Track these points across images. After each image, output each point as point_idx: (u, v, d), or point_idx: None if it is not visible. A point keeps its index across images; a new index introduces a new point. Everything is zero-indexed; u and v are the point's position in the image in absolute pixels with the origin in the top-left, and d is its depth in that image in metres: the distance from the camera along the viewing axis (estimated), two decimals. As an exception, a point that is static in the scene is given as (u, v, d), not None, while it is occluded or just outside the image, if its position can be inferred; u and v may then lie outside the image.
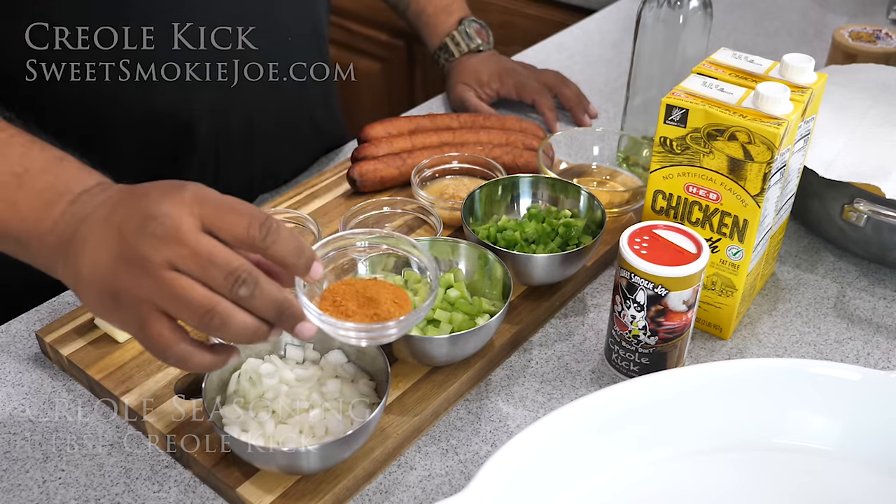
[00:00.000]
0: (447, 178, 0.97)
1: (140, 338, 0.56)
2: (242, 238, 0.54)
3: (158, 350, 0.55)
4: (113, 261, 0.55)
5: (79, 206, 0.59)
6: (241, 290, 0.54)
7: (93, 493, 0.66)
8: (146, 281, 0.53)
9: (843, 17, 1.50)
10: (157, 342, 0.55)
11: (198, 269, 0.53)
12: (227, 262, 0.53)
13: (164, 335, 0.54)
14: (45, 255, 0.60)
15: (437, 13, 1.20)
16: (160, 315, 0.54)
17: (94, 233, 0.56)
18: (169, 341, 0.55)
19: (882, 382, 0.62)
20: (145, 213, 0.54)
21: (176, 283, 0.53)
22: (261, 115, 1.01)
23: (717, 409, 0.63)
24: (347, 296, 0.62)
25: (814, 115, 0.78)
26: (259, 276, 0.54)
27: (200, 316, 0.53)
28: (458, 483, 0.68)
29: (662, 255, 0.70)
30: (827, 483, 0.61)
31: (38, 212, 0.59)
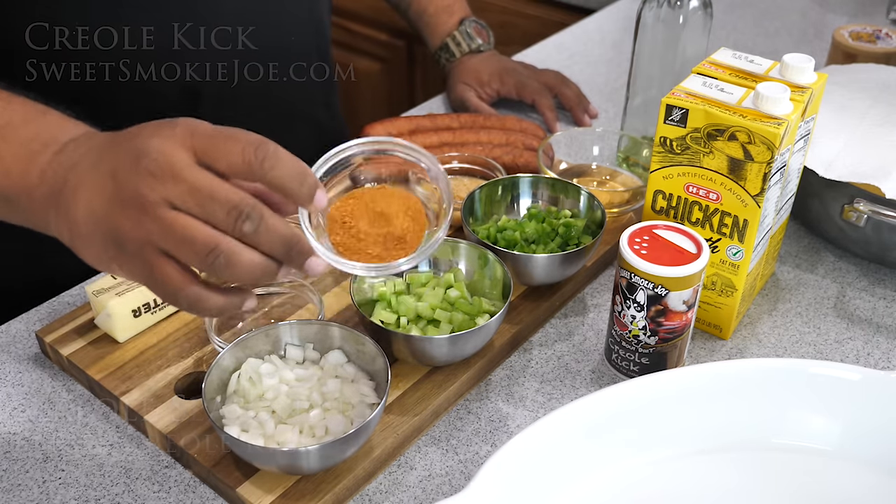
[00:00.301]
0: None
1: (149, 284, 0.53)
2: (239, 166, 0.51)
3: (169, 294, 0.53)
4: (109, 205, 0.52)
5: (65, 155, 0.56)
6: (244, 226, 0.51)
7: (93, 493, 0.66)
8: (146, 222, 0.50)
9: (843, 17, 1.50)
10: (167, 286, 0.52)
11: (197, 206, 0.50)
12: (227, 196, 0.50)
13: (174, 277, 0.52)
14: (34, 210, 0.57)
15: (438, 13, 1.20)
16: (166, 257, 0.51)
17: (86, 180, 0.53)
18: (179, 283, 0.52)
19: (882, 382, 0.62)
20: (137, 151, 0.51)
21: (176, 223, 0.50)
22: (261, 114, 1.01)
23: (717, 409, 0.63)
24: (356, 213, 0.58)
25: (814, 115, 0.78)
26: (263, 209, 0.51)
27: (204, 256, 0.50)
28: (458, 483, 0.68)
29: (662, 255, 0.70)
30: (827, 483, 0.61)
31: (23, 164, 0.56)
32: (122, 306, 0.74)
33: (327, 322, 0.71)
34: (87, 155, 0.55)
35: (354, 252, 0.57)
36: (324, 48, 1.09)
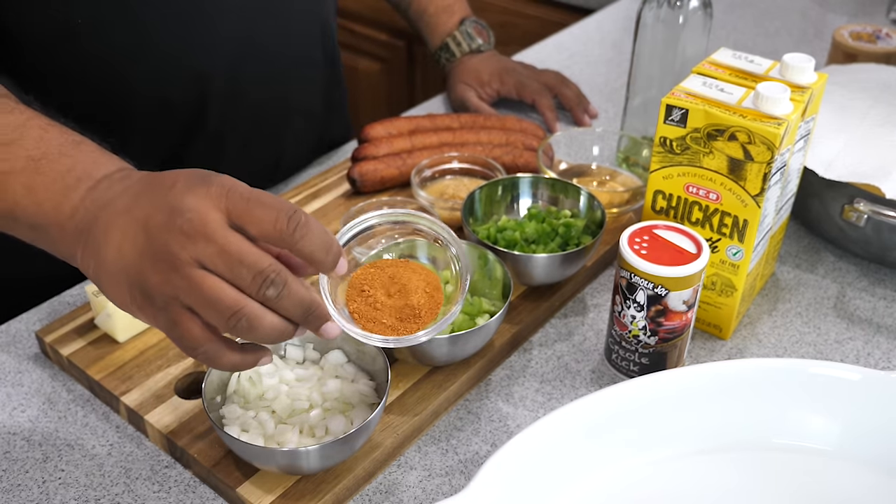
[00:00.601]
0: (447, 178, 0.97)
1: (171, 335, 0.55)
2: (270, 233, 0.53)
3: (189, 348, 0.54)
4: (139, 256, 0.53)
5: (99, 192, 0.57)
6: (269, 291, 0.52)
7: (93, 493, 0.66)
8: (175, 279, 0.52)
9: (843, 17, 1.50)
10: (188, 340, 0.54)
11: (226, 269, 0.52)
12: (255, 261, 0.52)
13: (196, 334, 0.53)
14: (64, 241, 0.58)
15: (439, 13, 1.20)
16: (191, 313, 0.53)
17: (117, 224, 0.55)
18: (201, 339, 0.54)
19: (882, 382, 0.62)
20: (171, 207, 0.52)
21: (204, 284, 0.52)
22: (265, 108, 1.01)
23: (717, 409, 0.63)
24: (376, 283, 0.59)
25: (814, 115, 0.78)
26: (288, 276, 0.53)
27: (228, 318, 0.52)
28: (458, 483, 0.68)
29: (662, 255, 0.70)
30: (827, 483, 0.61)
31: (57, 197, 0.57)
32: None
33: (327, 322, 0.71)
34: (120, 196, 0.56)
35: (370, 320, 0.59)
36: (329, 48, 1.10)
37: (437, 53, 1.21)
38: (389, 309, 0.59)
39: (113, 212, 0.55)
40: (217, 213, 0.52)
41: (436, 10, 1.20)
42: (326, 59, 1.09)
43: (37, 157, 0.59)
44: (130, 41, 0.87)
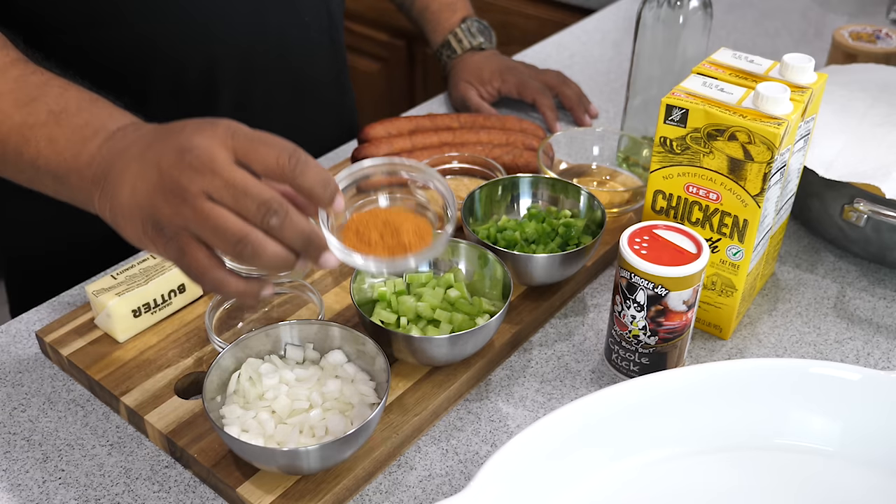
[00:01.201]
0: (447, 178, 0.97)
1: (180, 264, 0.59)
2: (273, 169, 0.57)
3: (196, 275, 0.58)
4: (153, 192, 0.57)
5: (114, 142, 0.62)
6: (272, 220, 0.56)
7: (93, 493, 0.66)
8: (185, 210, 0.56)
9: (843, 17, 1.50)
10: (195, 268, 0.58)
11: (232, 200, 0.56)
12: (259, 193, 0.56)
13: (203, 261, 0.57)
14: (82, 188, 0.63)
15: (441, 10, 1.20)
16: (199, 243, 0.57)
17: (132, 167, 0.59)
18: (206, 267, 0.57)
19: (882, 382, 0.62)
20: (181, 146, 0.57)
21: (213, 213, 0.56)
22: (275, 90, 1.03)
23: (718, 409, 0.63)
24: (370, 225, 0.64)
25: (814, 115, 0.78)
26: (288, 207, 0.57)
27: (234, 244, 0.56)
28: (458, 483, 0.68)
29: (662, 255, 0.70)
30: (827, 483, 0.61)
31: (76, 147, 0.63)
32: (121, 306, 0.74)
33: (327, 322, 0.71)
34: (133, 144, 0.61)
35: (364, 253, 0.62)
36: (336, 38, 1.12)
37: (438, 51, 1.21)
38: (382, 246, 0.62)
39: (127, 157, 0.60)
40: (224, 150, 0.56)
41: (438, 8, 1.21)
42: (332, 47, 1.11)
43: (57, 112, 0.65)
44: (151, 18, 0.89)
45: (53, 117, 0.65)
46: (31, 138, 0.65)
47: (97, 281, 0.77)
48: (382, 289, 0.76)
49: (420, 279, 0.78)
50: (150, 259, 0.79)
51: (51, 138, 0.64)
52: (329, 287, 0.84)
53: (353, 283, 0.75)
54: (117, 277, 0.76)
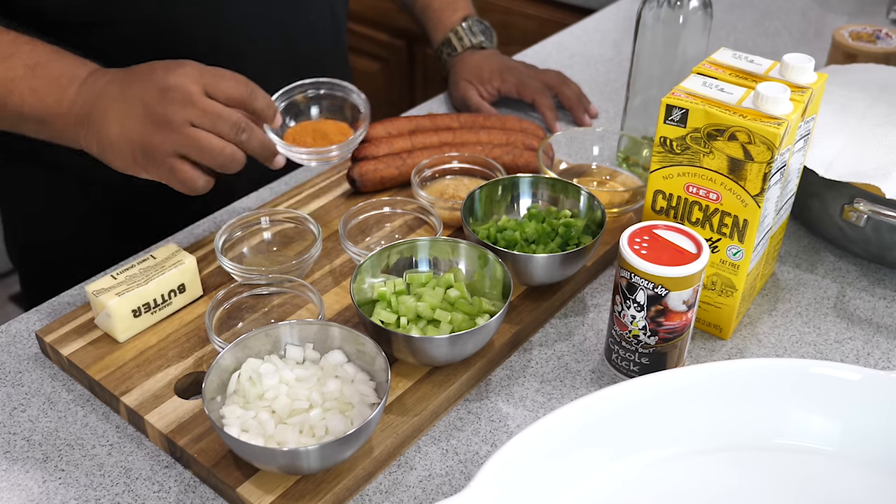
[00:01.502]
0: (447, 178, 0.97)
1: (170, 181, 0.75)
2: (234, 98, 0.75)
3: (189, 184, 0.75)
4: (142, 126, 0.72)
5: (88, 86, 0.75)
6: (242, 136, 0.75)
7: (93, 493, 0.66)
8: (173, 137, 0.72)
9: (843, 17, 1.50)
10: (188, 180, 0.74)
11: (210, 124, 0.73)
12: (230, 116, 0.74)
13: (191, 173, 0.74)
14: (66, 129, 0.76)
15: (443, 8, 1.21)
16: (184, 160, 0.74)
17: (115, 107, 0.73)
18: (196, 177, 0.75)
19: (882, 382, 0.62)
20: (161, 85, 0.72)
21: (198, 136, 0.73)
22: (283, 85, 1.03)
23: (717, 409, 0.63)
24: (304, 133, 0.87)
25: (814, 115, 0.78)
26: (252, 124, 0.76)
27: (216, 156, 0.74)
28: (458, 483, 0.68)
29: (662, 255, 0.70)
30: (827, 483, 0.61)
31: (56, 94, 0.75)
32: (121, 306, 0.74)
33: (327, 322, 0.71)
34: (108, 86, 0.74)
35: None
36: (340, 39, 1.13)
37: (439, 49, 1.21)
38: (313, 143, 0.87)
39: (107, 99, 0.74)
40: (196, 86, 0.73)
41: (440, 6, 1.21)
42: (336, 45, 1.12)
43: (32, 65, 0.76)
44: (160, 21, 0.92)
45: (30, 70, 0.76)
46: (14, 90, 0.75)
47: (97, 281, 0.77)
48: (382, 289, 0.76)
49: (420, 279, 0.78)
50: (150, 259, 0.79)
51: (33, 88, 0.75)
52: (329, 287, 0.84)
53: (353, 283, 0.75)
54: (117, 277, 0.76)
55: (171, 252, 0.80)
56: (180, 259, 0.79)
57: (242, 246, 0.87)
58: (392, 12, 1.42)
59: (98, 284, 0.76)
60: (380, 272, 0.79)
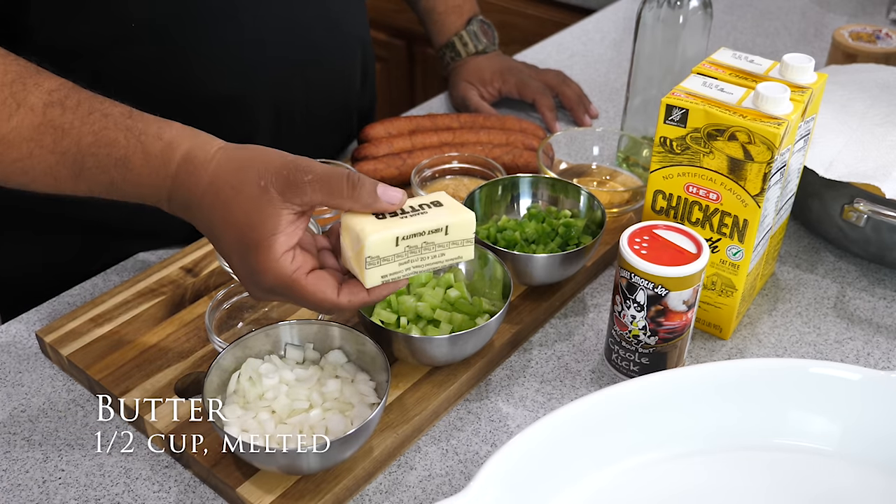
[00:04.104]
0: (447, 178, 0.97)
1: None
2: None
3: None
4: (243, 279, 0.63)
5: (175, 204, 0.64)
6: None
7: (93, 493, 0.66)
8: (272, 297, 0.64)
9: (843, 17, 1.50)
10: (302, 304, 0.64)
11: None
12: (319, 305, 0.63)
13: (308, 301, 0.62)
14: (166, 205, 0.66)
15: (448, 12, 1.20)
16: None
17: (213, 242, 0.64)
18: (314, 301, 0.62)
19: (882, 382, 0.62)
20: (248, 277, 0.62)
21: None
22: (315, 97, 1.00)
23: (718, 409, 0.63)
24: None
25: (814, 115, 0.78)
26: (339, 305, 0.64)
27: None
28: (458, 483, 0.68)
29: (662, 255, 0.70)
30: (827, 483, 0.61)
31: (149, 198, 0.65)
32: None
33: (327, 322, 0.71)
34: (197, 220, 0.64)
35: None
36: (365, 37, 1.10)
37: (441, 51, 1.21)
38: None
39: (202, 228, 0.64)
40: (269, 295, 0.63)
41: (445, 9, 1.21)
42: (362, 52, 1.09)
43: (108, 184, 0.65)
44: (184, 43, 0.86)
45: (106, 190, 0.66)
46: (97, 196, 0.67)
47: None
48: (382, 289, 0.76)
49: (420, 279, 0.78)
50: None
51: (114, 205, 0.68)
52: (329, 287, 0.83)
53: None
54: (400, 245, 0.61)
55: (463, 238, 0.63)
56: (462, 253, 0.63)
57: (242, 246, 0.87)
58: (392, 12, 1.42)
59: (378, 248, 0.61)
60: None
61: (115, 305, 0.80)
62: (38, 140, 0.64)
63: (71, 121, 0.64)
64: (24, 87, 0.65)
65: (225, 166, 0.62)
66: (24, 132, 0.64)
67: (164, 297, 0.81)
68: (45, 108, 0.64)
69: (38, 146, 0.64)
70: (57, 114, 0.64)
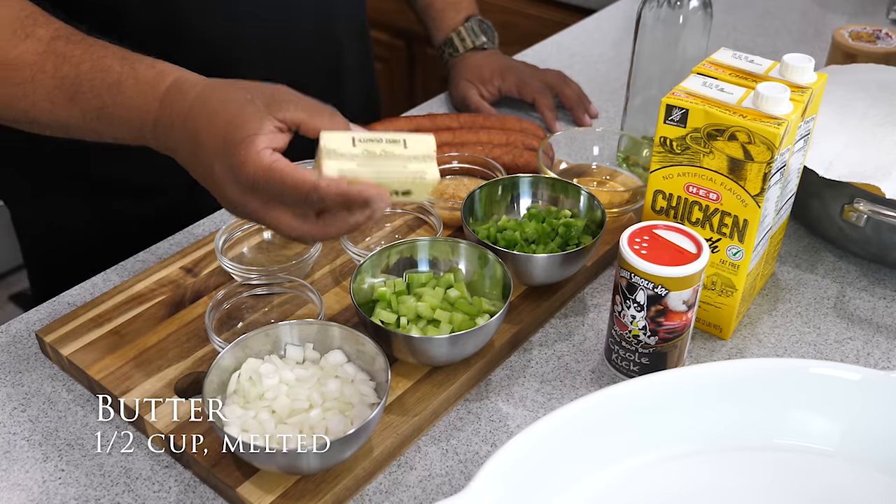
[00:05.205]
0: (447, 178, 0.97)
1: None
2: None
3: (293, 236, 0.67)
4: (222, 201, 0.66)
5: (159, 141, 0.69)
6: None
7: (93, 493, 0.66)
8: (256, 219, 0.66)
9: (843, 17, 1.50)
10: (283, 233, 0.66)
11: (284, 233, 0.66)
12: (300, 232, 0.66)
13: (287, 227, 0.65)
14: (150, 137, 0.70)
15: (446, 8, 1.21)
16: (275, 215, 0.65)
17: (191, 169, 0.67)
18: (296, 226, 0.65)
19: (882, 382, 0.62)
20: (228, 198, 0.65)
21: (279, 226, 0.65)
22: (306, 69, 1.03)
23: (718, 409, 0.63)
24: None
25: (814, 115, 0.78)
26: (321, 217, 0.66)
27: None
28: (458, 483, 0.68)
29: (662, 255, 0.70)
30: (827, 483, 0.61)
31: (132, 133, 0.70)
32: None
33: (327, 322, 0.71)
34: (178, 152, 0.68)
35: None
36: (363, 19, 1.14)
37: (440, 48, 1.21)
38: None
39: (182, 160, 0.68)
40: (257, 202, 0.64)
41: (442, 6, 1.21)
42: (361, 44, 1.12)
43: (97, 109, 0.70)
44: None
45: (95, 116, 0.70)
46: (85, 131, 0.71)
47: (335, 135, 0.65)
48: (382, 289, 0.76)
49: (420, 279, 0.78)
50: (401, 145, 0.65)
51: (97, 132, 0.71)
52: (329, 287, 0.84)
53: (353, 283, 0.75)
54: (356, 145, 0.64)
55: (424, 154, 0.64)
56: (424, 171, 0.64)
57: (242, 246, 0.87)
58: (392, 12, 1.42)
59: (335, 143, 0.64)
60: (380, 272, 0.79)
61: (115, 305, 0.80)
62: (41, 65, 0.70)
63: (72, 50, 0.70)
64: (34, 23, 0.71)
65: (213, 85, 0.67)
66: (29, 58, 0.70)
67: (164, 297, 0.81)
68: (50, 39, 0.70)
69: (41, 71, 0.69)
70: (61, 44, 0.70)
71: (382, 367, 0.68)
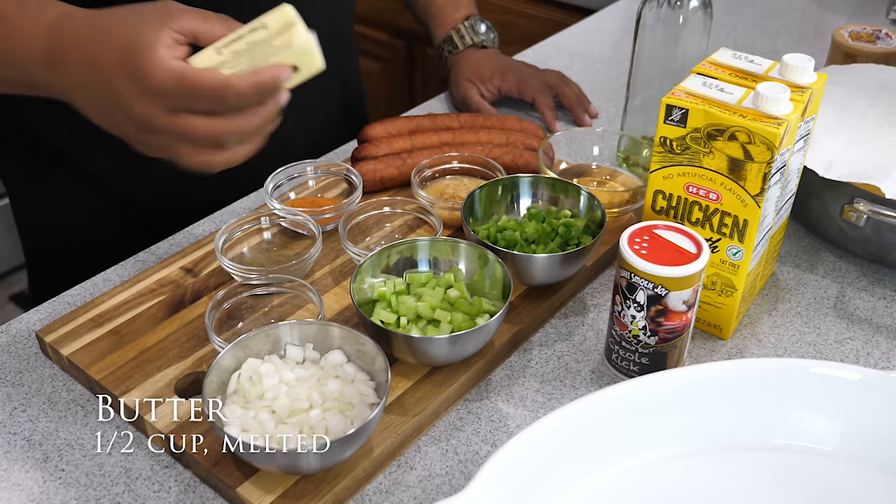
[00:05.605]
0: (447, 178, 0.97)
1: None
2: None
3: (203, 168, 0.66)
4: (120, 129, 0.64)
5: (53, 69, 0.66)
6: None
7: (93, 493, 0.66)
8: (160, 139, 0.64)
9: (843, 17, 1.50)
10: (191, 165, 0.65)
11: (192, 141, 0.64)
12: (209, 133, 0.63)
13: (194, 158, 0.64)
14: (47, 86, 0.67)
15: (445, 6, 1.21)
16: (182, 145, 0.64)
17: (87, 105, 0.65)
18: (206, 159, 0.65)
19: (882, 382, 0.62)
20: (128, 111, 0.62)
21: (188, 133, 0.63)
22: None
23: (718, 409, 0.63)
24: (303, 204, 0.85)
25: (814, 115, 0.78)
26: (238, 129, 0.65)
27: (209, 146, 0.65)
28: (458, 483, 0.68)
29: (662, 255, 0.70)
30: (827, 483, 0.61)
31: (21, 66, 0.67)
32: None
33: (327, 322, 0.71)
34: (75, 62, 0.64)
35: None
36: (346, 27, 1.14)
37: (440, 46, 1.21)
38: None
39: (74, 91, 0.65)
40: (161, 111, 0.62)
41: (442, 4, 1.21)
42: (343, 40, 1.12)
43: None
44: None
45: None
46: None
47: (202, 55, 0.65)
48: (382, 289, 0.76)
49: (420, 279, 0.78)
50: (262, 30, 0.64)
51: None
52: (329, 287, 0.84)
53: (353, 283, 0.75)
54: (222, 53, 0.64)
55: (283, 25, 0.63)
56: (290, 39, 0.63)
57: (242, 246, 0.87)
58: (392, 12, 1.42)
59: (204, 61, 0.65)
60: (380, 272, 0.79)
61: (115, 305, 0.80)
62: None
63: None
64: None
65: (103, 9, 0.65)
66: None
67: (164, 297, 0.81)
68: None
69: None
70: None
71: (382, 367, 0.68)
